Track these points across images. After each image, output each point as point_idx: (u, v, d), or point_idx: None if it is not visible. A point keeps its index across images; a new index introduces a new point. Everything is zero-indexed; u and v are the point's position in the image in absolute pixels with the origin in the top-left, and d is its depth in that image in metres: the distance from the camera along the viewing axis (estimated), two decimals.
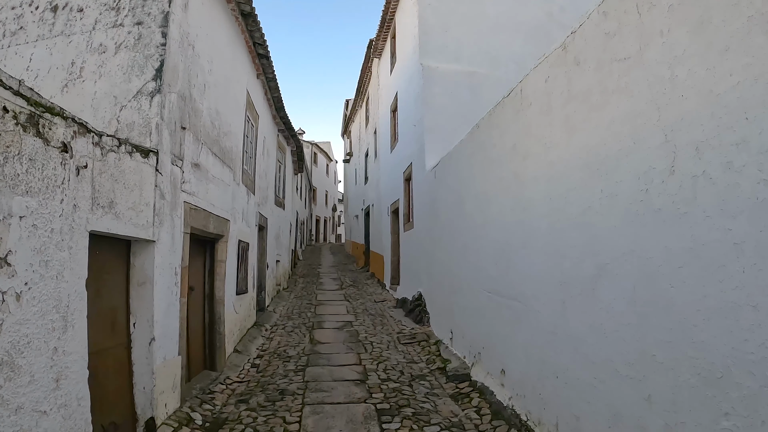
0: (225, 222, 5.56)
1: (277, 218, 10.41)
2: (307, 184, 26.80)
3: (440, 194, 7.01)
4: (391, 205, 11.42)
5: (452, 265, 6.25)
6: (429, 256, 7.68)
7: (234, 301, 6.18)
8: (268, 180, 9.23)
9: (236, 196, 6.18)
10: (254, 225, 7.64)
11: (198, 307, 5.29)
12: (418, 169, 8.72)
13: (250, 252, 7.20)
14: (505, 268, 4.43)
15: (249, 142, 7.39)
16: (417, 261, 8.63)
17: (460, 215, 5.97)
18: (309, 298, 10.52)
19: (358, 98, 19.02)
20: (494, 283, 4.71)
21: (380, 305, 9.73)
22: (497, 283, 4.62)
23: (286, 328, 7.59)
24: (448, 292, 6.47)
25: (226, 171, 5.64)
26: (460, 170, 6.02)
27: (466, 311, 5.62)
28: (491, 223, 4.82)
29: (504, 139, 4.54)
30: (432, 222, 7.45)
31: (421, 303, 8.02)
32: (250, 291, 7.27)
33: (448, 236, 6.54)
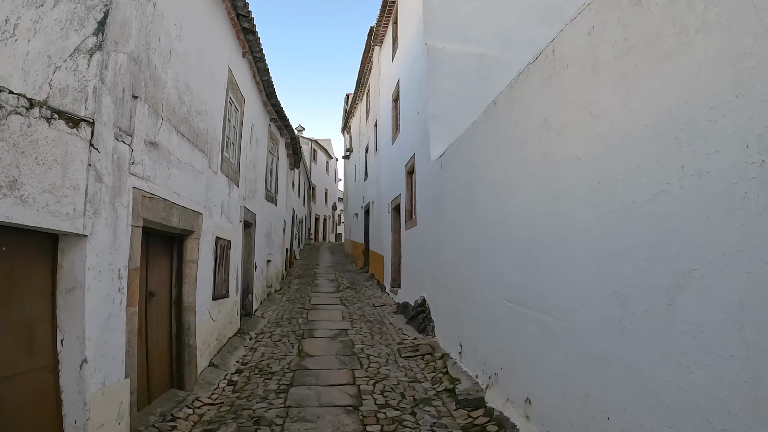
0: (196, 215, 4.74)
1: (267, 214, 9.59)
2: (306, 182, 25.99)
3: (447, 186, 6.18)
4: (391, 202, 10.59)
5: (461, 268, 5.42)
6: (433, 257, 6.85)
7: (210, 308, 5.36)
8: (257, 172, 8.41)
9: (213, 186, 5.36)
10: (238, 221, 6.82)
11: (161, 315, 4.47)
12: (421, 160, 7.89)
13: (232, 251, 6.38)
14: (532, 272, 3.60)
15: (232, 127, 6.57)
16: (420, 262, 7.80)
17: (470, 210, 5.14)
18: (302, 302, 9.69)
19: (358, 91, 18.21)
20: (516, 291, 3.87)
21: (379, 310, 8.91)
22: (521, 291, 3.79)
23: (273, 337, 6.76)
24: (456, 299, 5.63)
25: (198, 156, 4.81)
26: (472, 157, 5.19)
27: (479, 322, 4.79)
28: (512, 218, 3.99)
29: (530, 113, 3.72)
30: (437, 218, 6.62)
31: (424, 309, 7.18)
32: (232, 295, 6.45)
33: (455, 234, 5.71)
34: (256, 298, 8.42)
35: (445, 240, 6.15)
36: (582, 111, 2.95)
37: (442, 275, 6.35)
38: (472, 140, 5.21)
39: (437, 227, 6.60)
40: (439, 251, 6.45)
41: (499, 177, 4.36)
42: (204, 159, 5.03)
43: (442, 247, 6.30)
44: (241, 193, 7.05)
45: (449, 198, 6.05)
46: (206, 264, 5.16)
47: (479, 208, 4.85)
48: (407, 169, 9.01)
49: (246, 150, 7.41)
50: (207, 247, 5.16)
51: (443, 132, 7.45)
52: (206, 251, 5.13)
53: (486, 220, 4.64)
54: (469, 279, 5.14)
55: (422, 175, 7.79)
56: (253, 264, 7.99)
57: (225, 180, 6.00)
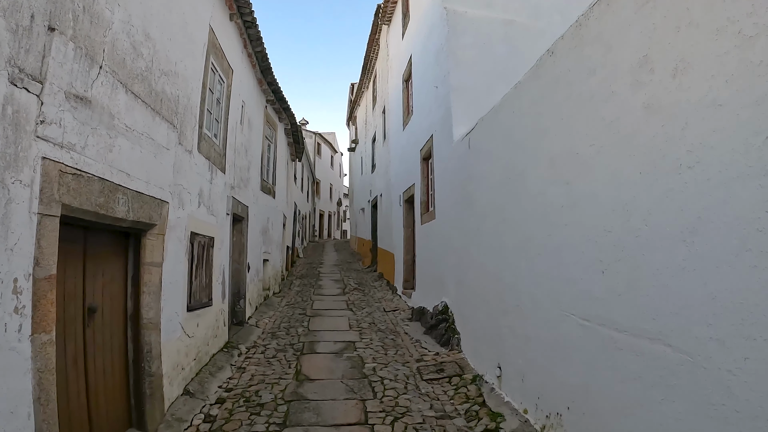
0: (158, 204, 3.62)
1: (263, 208, 8.48)
2: (310, 176, 24.90)
3: (477, 170, 5.04)
4: (403, 193, 9.45)
5: (501, 271, 4.29)
6: (458, 256, 5.71)
7: (183, 321, 4.26)
8: (250, 159, 7.30)
9: (185, 168, 4.24)
10: (225, 213, 5.71)
11: (110, 337, 3.37)
12: (441, 143, 6.74)
13: (216, 250, 5.27)
14: (627, 280, 2.46)
15: (215, 101, 5.45)
16: (440, 262, 6.66)
17: (514, 196, 4.00)
18: (303, 307, 8.58)
19: (364, 78, 17.06)
20: (598, 306, 2.74)
21: (391, 317, 7.78)
22: (606, 305, 2.65)
23: (267, 352, 5.66)
24: (493, 309, 4.50)
25: (161, 127, 3.70)
26: (515, 129, 4.05)
27: (531, 343, 3.65)
28: (587, 204, 2.86)
29: (616, 54, 2.61)
30: (463, 209, 5.48)
31: (447, 318, 6.05)
32: (217, 302, 5.35)
33: (491, 228, 4.57)
34: (250, 304, 7.32)
35: (476, 236, 5.01)
36: (722, 32, 1.81)
37: (471, 278, 5.21)
38: (515, 107, 4.07)
39: (464, 220, 5.46)
40: (467, 249, 5.32)
41: (561, 149, 3.23)
42: (171, 132, 3.91)
43: (471, 245, 5.17)
44: (229, 181, 5.94)
45: (481, 184, 4.90)
46: (176, 267, 4.05)
47: (529, 193, 3.72)
48: (423, 155, 7.86)
49: (235, 131, 6.29)
50: (177, 245, 4.05)
51: (467, 108, 6.32)
52: (176, 251, 4.03)
53: (541, 208, 3.50)
54: (513, 285, 4.00)
55: (442, 160, 6.65)
56: (245, 265, 6.89)
57: (204, 163, 4.89)
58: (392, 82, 11.54)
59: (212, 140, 5.24)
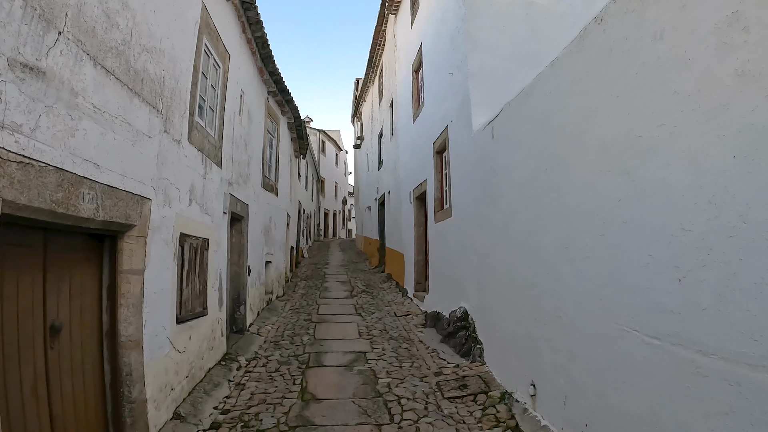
0: (137, 201, 3.10)
1: (265, 206, 7.95)
2: (315, 174, 24.38)
3: (503, 161, 4.48)
4: (414, 190, 8.89)
5: (535, 274, 3.73)
6: (480, 257, 5.16)
7: (172, 335, 3.74)
8: (250, 153, 6.77)
9: (172, 159, 3.71)
10: (221, 212, 5.18)
11: (83, 359, 2.85)
12: (458, 133, 6.18)
13: (211, 252, 4.75)
14: (718, 291, 1.93)
15: (209, 87, 4.92)
16: (457, 263, 6.11)
17: (553, 189, 3.44)
18: (309, 312, 8.04)
19: (370, 72, 16.49)
20: (673, 321, 2.19)
21: (403, 322, 7.24)
22: (685, 322, 2.10)
23: (269, 365, 5.12)
24: (525, 318, 3.94)
25: (141, 111, 3.17)
26: (553, 111, 3.49)
27: (576, 360, 3.10)
28: (658, 195, 2.30)
29: (695, 13, 2.08)
30: (486, 206, 4.93)
31: (467, 325, 5.50)
32: (213, 311, 4.83)
33: (522, 226, 4.01)
34: (251, 309, 6.80)
35: (502, 235, 4.46)
36: None
37: (496, 282, 4.66)
38: (551, 87, 3.51)
39: (487, 217, 4.91)
40: (492, 250, 4.76)
41: (617, 132, 2.67)
42: (155, 117, 3.38)
43: (497, 245, 4.61)
44: (226, 177, 5.41)
45: (508, 176, 4.35)
46: (162, 273, 3.53)
47: (572, 186, 3.16)
48: (436, 148, 7.31)
49: (232, 122, 5.76)
50: (162, 248, 3.52)
51: (487, 94, 5.76)
52: (161, 255, 3.50)
53: (589, 202, 2.94)
54: (551, 292, 3.44)
55: (459, 152, 6.09)
56: (245, 268, 6.36)
57: (196, 155, 4.36)
58: (400, 73, 10.99)
59: (206, 131, 4.71)
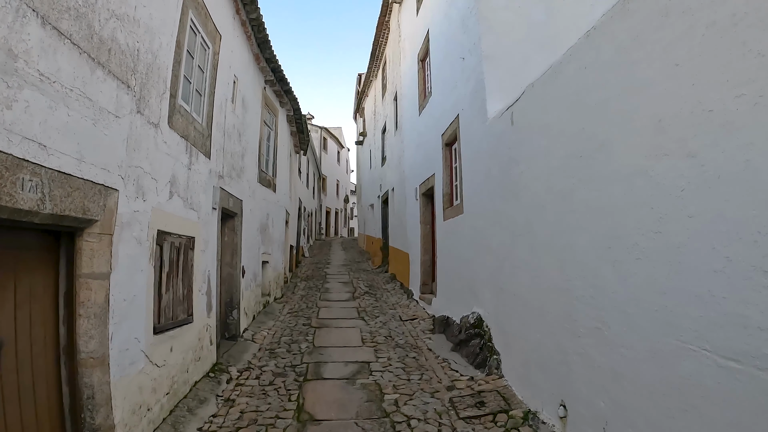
0: (99, 192, 2.60)
1: (262, 202, 7.45)
2: (316, 172, 23.88)
3: (525, 149, 3.97)
4: (420, 186, 8.38)
5: (568, 278, 3.21)
6: (498, 258, 4.65)
7: (148, 348, 3.24)
8: (244, 145, 6.27)
9: (145, 145, 3.21)
10: (210, 207, 4.68)
11: (34, 380, 2.35)
12: (470, 122, 5.67)
13: (197, 252, 4.25)
14: None
15: (196, 68, 4.42)
16: (470, 264, 5.60)
17: (591, 178, 2.94)
18: (308, 315, 7.54)
19: (373, 66, 15.98)
20: (761, 340, 1.68)
21: (409, 327, 6.73)
22: None
23: (263, 378, 4.62)
24: (554, 328, 3.43)
25: (106, 85, 2.67)
26: (590, 88, 2.98)
27: (622, 381, 2.59)
28: (741, 182, 1.80)
29: None
30: (505, 200, 4.43)
31: (481, 333, 4.99)
32: (200, 317, 4.34)
33: (550, 222, 3.51)
34: (246, 314, 6.30)
35: (525, 233, 3.95)
36: None
37: (517, 286, 4.15)
38: (587, 61, 3.00)
39: (506, 213, 4.40)
40: (512, 250, 4.25)
41: (678, 107, 2.17)
42: (125, 94, 2.88)
43: (518, 244, 4.10)
44: (216, 169, 4.91)
45: (532, 166, 3.84)
46: (134, 277, 3.03)
47: (616, 173, 2.65)
48: (445, 140, 6.79)
49: (224, 109, 5.26)
50: (134, 248, 3.02)
51: (503, 79, 5.25)
52: (132, 255, 3.00)
53: (640, 193, 2.43)
54: (589, 299, 2.93)
55: (472, 143, 5.57)
56: (238, 269, 5.86)
57: (179, 142, 3.86)
58: (405, 64, 10.47)
59: (191, 116, 4.21)
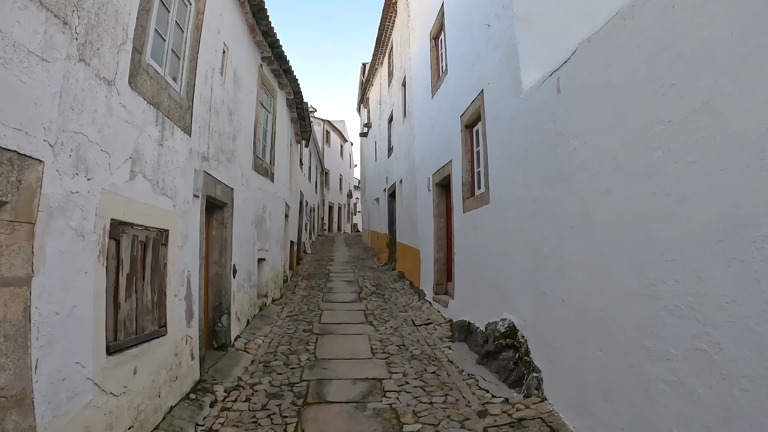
0: (5, 161, 1.81)
1: (257, 193, 6.66)
2: (319, 166, 23.10)
3: (579, 120, 3.17)
4: (434, 175, 7.58)
5: (647, 282, 2.41)
6: (538, 255, 3.85)
7: (101, 374, 2.47)
8: (236, 126, 5.48)
9: (91, 105, 2.42)
10: (189, 195, 3.90)
11: None
12: (498, 97, 4.86)
13: (172, 248, 3.48)
14: None
15: (173, 23, 3.62)
16: (498, 262, 4.80)
17: (692, 148, 2.12)
18: (310, 319, 6.76)
19: (378, 53, 15.16)
20: None
21: (424, 334, 5.95)
22: None
23: (254, 401, 3.85)
24: (626, 345, 2.62)
25: (24, 13, 1.88)
26: (688, 29, 2.16)
27: (745, 422, 1.79)
28: None
29: None
30: (548, 185, 3.62)
31: (515, 345, 4.19)
32: (176, 328, 3.56)
33: (618, 211, 2.70)
34: (238, 318, 5.53)
35: (580, 224, 3.15)
36: None
37: (567, 290, 3.35)
38: None
39: (550, 201, 3.60)
40: (559, 245, 3.45)
41: None
42: (59, 33, 2.09)
43: (569, 238, 3.30)
44: (199, 149, 4.12)
45: (589, 141, 3.03)
46: (73, 281, 2.25)
47: (730, 141, 1.85)
48: (465, 122, 5.98)
49: (210, 80, 4.47)
50: (71, 242, 2.24)
51: (538, 45, 4.45)
52: (69, 253, 2.22)
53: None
54: (688, 311, 2.13)
55: (501, 121, 4.76)
56: (229, 267, 5.09)
57: (146, 110, 3.07)
58: (415, 46, 9.65)
59: (165, 80, 3.42)
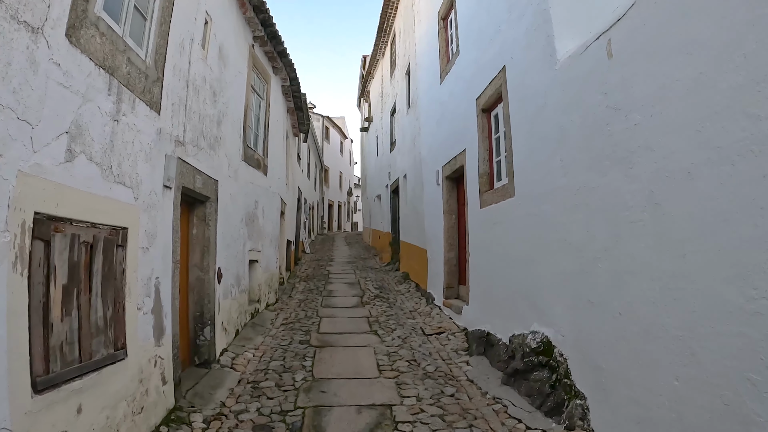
0: None
1: (248, 186, 5.96)
2: (318, 162, 22.40)
3: (644, 89, 2.48)
4: (444, 168, 6.89)
5: (755, 294, 1.73)
6: (584, 257, 3.16)
7: (24, 421, 1.79)
8: (221, 109, 4.79)
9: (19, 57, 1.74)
10: (159, 185, 3.22)
11: None
12: (525, 71, 4.16)
13: (133, 251, 2.80)
14: None
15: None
16: (528, 264, 4.11)
17: None
18: (307, 328, 6.08)
19: (380, 42, 14.45)
20: None
21: (437, 345, 5.26)
22: None
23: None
24: (729, 380, 1.95)
25: None
26: None
27: None
28: None
29: None
30: (598, 171, 2.93)
31: (552, 364, 3.50)
32: (139, 350, 2.88)
33: (706, 199, 2.02)
34: (225, 329, 4.84)
35: (647, 219, 2.46)
36: None
37: (628, 301, 2.66)
38: None
39: (602, 191, 2.91)
40: (615, 244, 2.76)
41: None
42: None
43: (627, 236, 2.61)
44: (171, 131, 3.44)
45: (661, 113, 2.34)
46: None
47: None
48: (482, 105, 5.30)
49: (188, 51, 3.78)
50: None
51: (573, 9, 3.77)
52: None
53: None
54: None
55: (530, 98, 4.07)
56: (213, 272, 4.40)
57: (93, 73, 2.38)
58: (421, 29, 8.96)
59: (123, 40, 2.73)
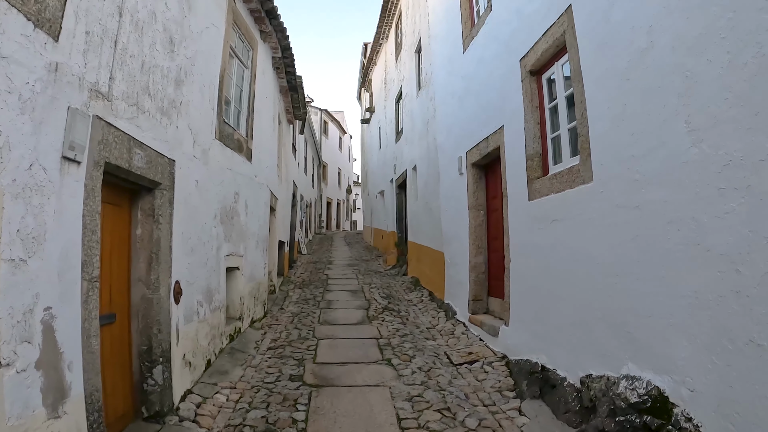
0: None
1: (223, 172, 4.66)
2: (316, 157, 21.15)
3: None
4: (469, 153, 5.64)
5: None
6: (738, 275, 1.94)
7: None
8: (183, 63, 3.51)
9: None
10: (50, 157, 1.98)
11: None
12: (609, 5, 2.92)
13: None
14: None
15: None
16: (617, 279, 2.86)
17: None
18: (300, 354, 4.80)
19: (384, 24, 13.21)
20: None
21: (471, 381, 4.01)
22: None
23: None
24: None
25: None
26: None
27: None
28: None
29: None
30: (765, 136, 1.71)
31: (669, 430, 2.28)
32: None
33: None
34: (188, 363, 3.58)
35: None
36: None
37: None
38: None
39: None
40: None
41: None
42: None
43: None
44: (79, 71, 2.19)
45: None
46: None
47: None
48: (530, 66, 4.05)
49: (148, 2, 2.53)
50: None
51: None
52: None
53: None
54: None
55: (624, 39, 2.81)
56: (166, 287, 3.14)
57: None
58: None
59: None
